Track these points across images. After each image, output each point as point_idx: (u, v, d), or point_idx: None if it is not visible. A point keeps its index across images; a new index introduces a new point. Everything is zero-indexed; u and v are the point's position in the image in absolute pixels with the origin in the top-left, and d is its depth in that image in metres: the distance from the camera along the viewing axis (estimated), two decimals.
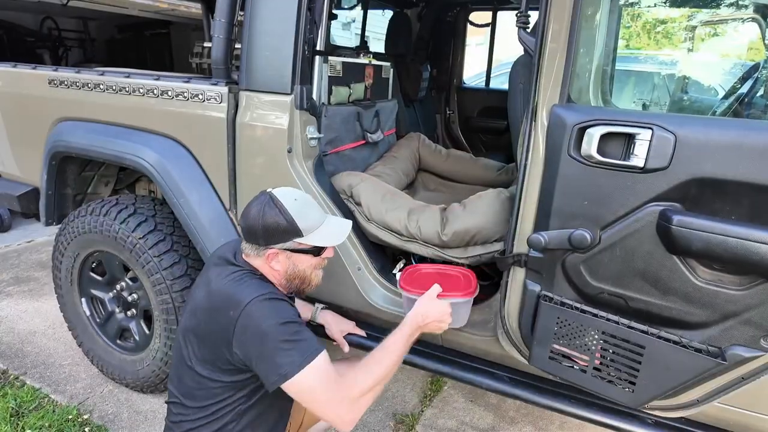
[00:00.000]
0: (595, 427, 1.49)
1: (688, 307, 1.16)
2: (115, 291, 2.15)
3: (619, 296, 1.24)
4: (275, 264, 1.29)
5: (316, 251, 1.32)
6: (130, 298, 2.10)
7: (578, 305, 1.29)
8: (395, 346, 1.28)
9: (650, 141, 1.11)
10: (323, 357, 1.17)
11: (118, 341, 2.21)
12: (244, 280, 1.25)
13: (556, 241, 1.25)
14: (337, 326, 1.72)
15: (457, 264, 1.69)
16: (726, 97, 2.26)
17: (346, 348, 1.70)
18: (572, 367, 1.33)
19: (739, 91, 2.02)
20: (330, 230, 1.34)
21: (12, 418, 2.01)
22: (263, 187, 1.73)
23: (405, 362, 1.70)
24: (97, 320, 2.24)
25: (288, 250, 1.28)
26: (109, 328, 2.21)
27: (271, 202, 1.26)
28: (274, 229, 1.25)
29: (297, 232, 1.26)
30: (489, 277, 1.85)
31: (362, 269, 1.74)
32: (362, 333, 1.72)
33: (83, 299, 2.23)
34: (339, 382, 1.17)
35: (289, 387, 1.14)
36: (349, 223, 1.43)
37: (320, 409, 1.18)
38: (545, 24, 1.23)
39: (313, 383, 1.14)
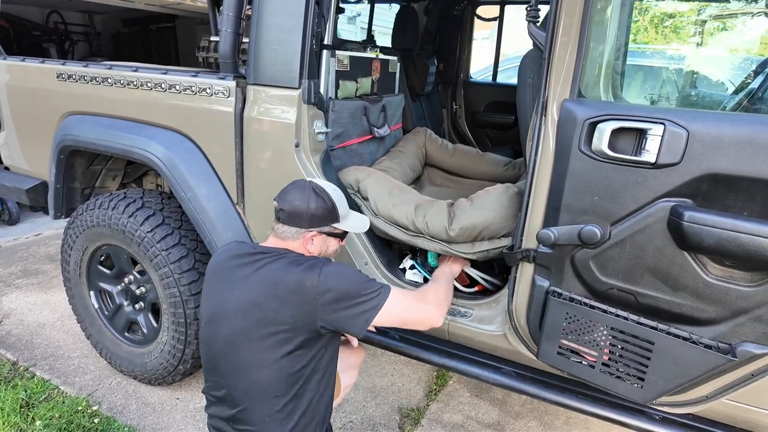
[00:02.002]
0: (601, 422, 1.49)
1: (699, 304, 1.15)
2: (123, 284, 2.17)
3: (628, 292, 1.23)
4: (311, 246, 1.39)
5: (343, 236, 1.49)
6: (138, 292, 2.12)
7: (587, 301, 1.29)
8: (443, 277, 1.57)
9: (662, 136, 1.10)
10: (396, 289, 1.35)
11: (126, 334, 2.22)
12: (296, 259, 1.32)
13: (566, 236, 1.24)
14: None
15: (465, 259, 1.70)
16: (736, 92, 2.24)
17: (355, 342, 1.71)
18: (580, 362, 1.33)
19: (750, 86, 2.00)
20: (356, 219, 1.52)
21: (22, 409, 2.03)
22: (271, 182, 1.75)
23: (411, 356, 1.72)
24: (106, 313, 2.25)
25: (325, 233, 1.41)
26: (117, 320, 2.23)
27: (316, 190, 1.38)
28: (321, 215, 1.37)
29: (336, 218, 1.42)
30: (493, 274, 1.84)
31: (369, 264, 1.74)
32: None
33: (92, 292, 2.25)
34: (418, 298, 1.41)
35: (383, 315, 1.29)
36: (366, 217, 1.60)
37: (415, 318, 1.39)
38: (556, 18, 1.22)
39: (401, 303, 1.34)
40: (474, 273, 1.76)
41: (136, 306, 2.16)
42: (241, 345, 1.27)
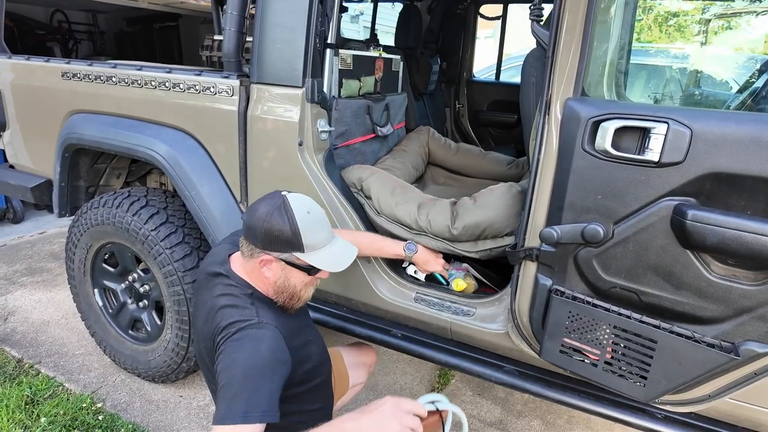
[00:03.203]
0: (603, 421, 1.49)
1: (702, 302, 1.15)
2: (127, 282, 2.18)
3: (631, 291, 1.23)
4: (267, 271, 1.21)
5: (311, 270, 1.22)
6: (141, 290, 2.13)
7: (590, 299, 1.29)
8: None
9: (666, 135, 1.10)
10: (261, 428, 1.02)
11: (130, 332, 2.24)
12: (232, 302, 1.18)
13: (569, 235, 1.24)
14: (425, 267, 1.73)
15: (468, 258, 1.70)
16: (740, 91, 2.23)
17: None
18: (583, 361, 1.33)
19: (755, 85, 1.99)
20: (333, 254, 1.24)
21: (27, 406, 2.05)
22: (274, 180, 1.76)
23: (414, 354, 1.72)
24: (110, 311, 2.27)
25: (284, 261, 1.20)
26: (121, 318, 2.24)
27: (282, 208, 1.17)
28: (277, 237, 1.16)
29: (299, 247, 1.17)
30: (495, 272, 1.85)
31: (372, 262, 1.75)
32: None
33: (96, 290, 2.26)
34: None
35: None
36: (355, 250, 1.32)
37: None
38: (560, 16, 1.22)
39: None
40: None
41: (140, 304, 2.17)
42: (205, 369, 1.27)
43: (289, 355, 1.14)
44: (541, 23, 1.33)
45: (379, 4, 3.52)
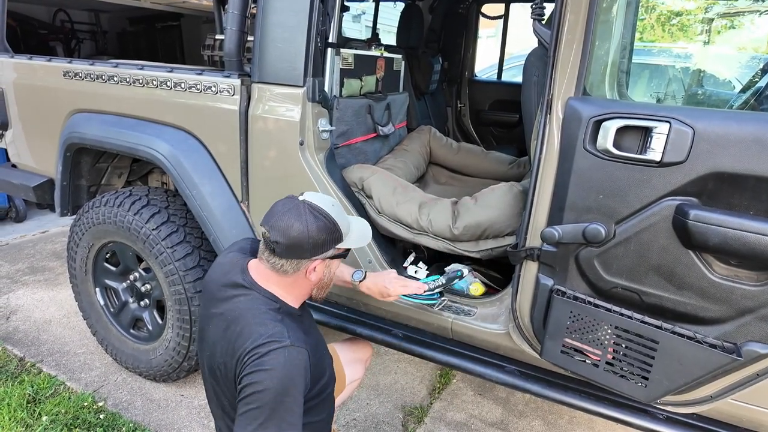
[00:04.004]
0: (605, 421, 1.48)
1: (704, 303, 1.15)
2: (128, 281, 2.18)
3: (633, 291, 1.23)
4: (313, 275, 1.22)
5: (346, 253, 1.29)
6: (143, 289, 2.13)
7: (591, 300, 1.29)
8: None
9: (668, 135, 1.09)
10: None
11: (132, 331, 2.24)
12: (261, 317, 1.15)
13: (570, 235, 1.24)
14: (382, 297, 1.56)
15: (469, 257, 1.69)
16: (743, 90, 2.22)
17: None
18: (584, 361, 1.33)
19: (757, 85, 1.99)
20: (357, 231, 1.30)
21: (29, 405, 2.05)
22: (275, 179, 1.76)
23: (415, 354, 1.72)
24: (111, 310, 2.27)
25: (328, 258, 1.23)
26: (122, 317, 2.24)
27: (312, 211, 1.17)
28: (324, 240, 1.18)
29: (339, 238, 1.22)
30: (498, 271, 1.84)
31: (372, 262, 1.75)
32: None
33: (97, 289, 2.27)
34: None
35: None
36: (365, 222, 1.39)
37: None
38: (561, 15, 1.22)
39: None
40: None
41: (142, 303, 2.18)
42: (214, 383, 1.24)
43: (311, 374, 1.15)
44: (543, 22, 1.32)
45: (380, 3, 3.52)
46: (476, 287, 1.68)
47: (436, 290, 1.55)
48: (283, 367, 1.07)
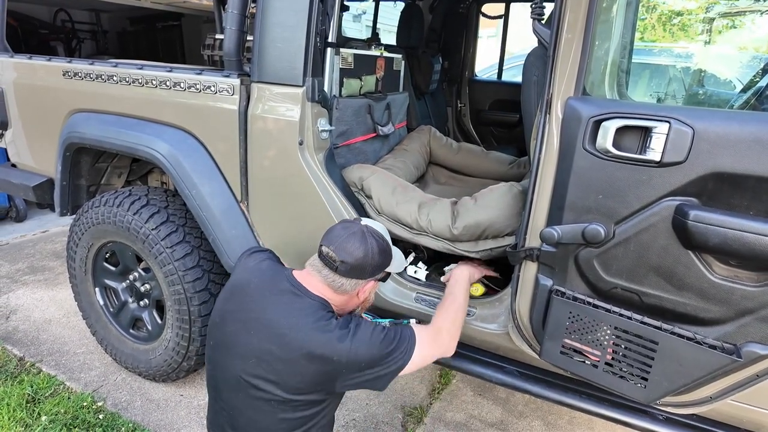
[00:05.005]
0: (605, 422, 1.48)
1: (703, 304, 1.14)
2: (128, 281, 2.18)
3: (632, 291, 1.22)
4: (362, 294, 1.34)
5: (387, 277, 1.42)
6: (142, 289, 2.13)
7: (591, 300, 1.28)
8: (458, 291, 1.47)
9: (667, 135, 1.09)
10: (416, 333, 1.29)
11: (131, 330, 2.24)
12: (324, 321, 1.21)
13: (570, 235, 1.24)
14: None
15: (468, 258, 1.69)
16: (744, 90, 2.22)
17: None
18: (583, 362, 1.33)
19: (758, 85, 1.98)
20: (397, 257, 1.44)
21: (28, 405, 2.05)
22: (274, 179, 1.75)
23: None
24: (111, 310, 2.27)
25: (377, 279, 1.36)
26: (122, 317, 2.24)
27: (375, 236, 1.30)
28: (381, 263, 1.31)
29: (390, 262, 1.36)
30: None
31: None
32: None
33: (97, 289, 2.27)
34: (435, 339, 1.34)
35: (407, 369, 1.25)
36: (397, 249, 1.49)
37: (432, 359, 1.35)
38: (561, 15, 1.22)
39: (422, 353, 1.28)
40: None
41: (141, 303, 2.18)
42: (248, 389, 1.21)
43: None
44: (543, 22, 1.32)
45: (381, 3, 3.52)
46: (476, 287, 1.67)
47: None
48: (365, 326, 1.23)
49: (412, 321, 1.43)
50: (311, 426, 1.27)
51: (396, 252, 1.45)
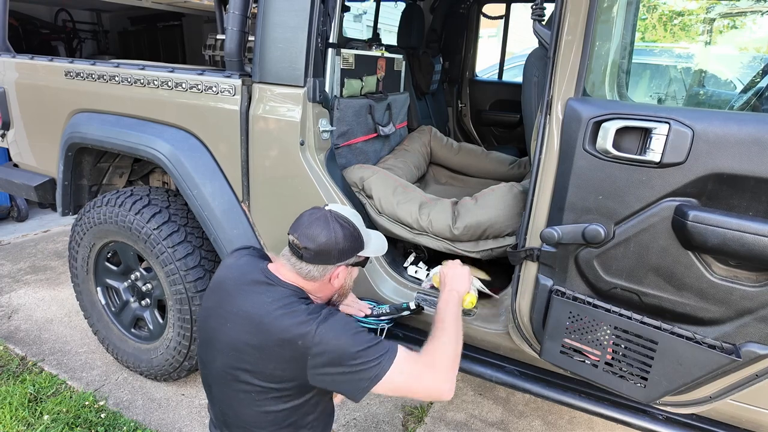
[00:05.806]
0: (605, 422, 1.48)
1: (703, 304, 1.15)
2: (129, 281, 2.19)
3: (632, 291, 1.23)
4: (336, 281, 1.30)
5: (365, 262, 1.36)
6: (144, 288, 2.14)
7: (591, 300, 1.29)
8: (450, 318, 1.30)
9: (667, 135, 1.09)
10: (399, 349, 1.18)
11: (133, 330, 2.25)
12: (293, 308, 1.19)
13: (570, 235, 1.24)
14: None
15: (469, 257, 1.70)
16: (744, 91, 2.22)
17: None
18: (583, 361, 1.33)
19: (759, 85, 1.98)
20: (375, 239, 1.38)
21: (30, 404, 2.06)
22: (276, 179, 1.76)
23: None
24: (112, 309, 2.28)
25: (351, 264, 1.31)
26: (123, 317, 2.25)
27: (339, 220, 1.26)
28: (348, 247, 1.26)
29: (361, 246, 1.30)
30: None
31: (373, 262, 1.75)
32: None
33: (99, 288, 2.27)
34: (424, 363, 1.19)
35: (383, 385, 1.14)
36: (382, 235, 1.45)
37: (420, 390, 1.20)
38: (561, 16, 1.22)
39: (404, 374, 1.15)
40: (479, 284, 1.64)
41: (143, 302, 2.18)
42: (231, 382, 1.22)
43: None
44: (543, 23, 1.32)
45: (381, 3, 3.52)
46: (469, 300, 1.52)
47: (383, 318, 1.63)
48: (338, 321, 1.17)
49: (401, 347, 1.22)
50: (296, 420, 1.25)
51: (374, 235, 1.38)
